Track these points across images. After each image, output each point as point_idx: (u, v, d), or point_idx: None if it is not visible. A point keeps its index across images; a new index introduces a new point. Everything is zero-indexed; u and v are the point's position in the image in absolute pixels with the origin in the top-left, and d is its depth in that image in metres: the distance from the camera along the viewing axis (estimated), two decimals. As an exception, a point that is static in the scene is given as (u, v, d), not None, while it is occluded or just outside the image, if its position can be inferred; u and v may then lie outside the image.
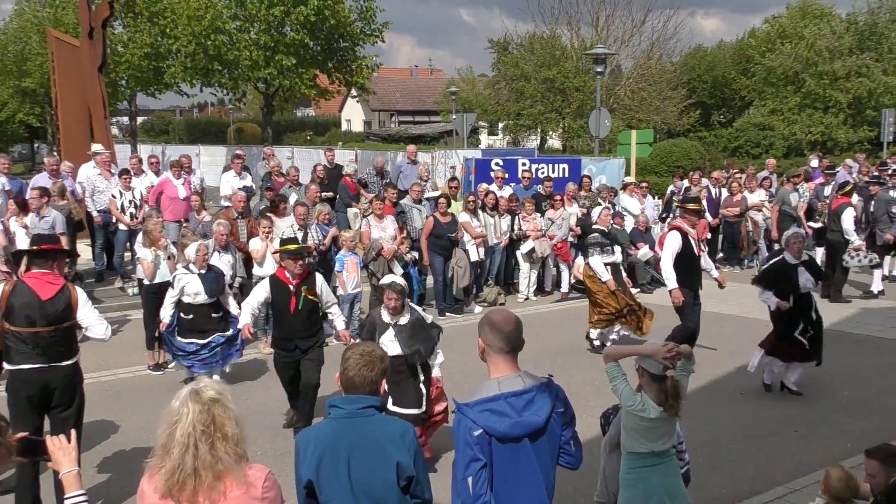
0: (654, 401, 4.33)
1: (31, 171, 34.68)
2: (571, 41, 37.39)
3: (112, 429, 7.75)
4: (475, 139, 44.52)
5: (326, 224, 11.32)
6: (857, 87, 34.21)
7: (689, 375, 4.53)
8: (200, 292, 8.47)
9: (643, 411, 4.31)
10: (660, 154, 28.81)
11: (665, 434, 4.37)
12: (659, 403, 4.31)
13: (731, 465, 6.80)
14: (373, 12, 27.63)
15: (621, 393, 4.38)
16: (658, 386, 4.33)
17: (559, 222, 13.68)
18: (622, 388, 4.38)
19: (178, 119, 73.24)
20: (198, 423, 2.91)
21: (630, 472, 4.44)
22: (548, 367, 6.70)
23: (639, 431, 4.36)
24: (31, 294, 5.62)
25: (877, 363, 9.74)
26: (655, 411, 4.30)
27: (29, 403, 5.65)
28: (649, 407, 4.31)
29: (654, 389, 4.35)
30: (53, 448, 3.15)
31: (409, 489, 3.40)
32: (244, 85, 29.41)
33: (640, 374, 4.46)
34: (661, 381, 4.32)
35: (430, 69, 70.01)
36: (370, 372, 3.46)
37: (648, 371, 4.37)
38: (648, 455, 4.36)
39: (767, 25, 42.23)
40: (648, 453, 4.35)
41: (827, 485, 4.51)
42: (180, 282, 8.47)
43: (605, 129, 21.32)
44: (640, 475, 4.38)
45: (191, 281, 8.45)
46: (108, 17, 16.63)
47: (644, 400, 4.34)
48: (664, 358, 4.32)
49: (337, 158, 17.39)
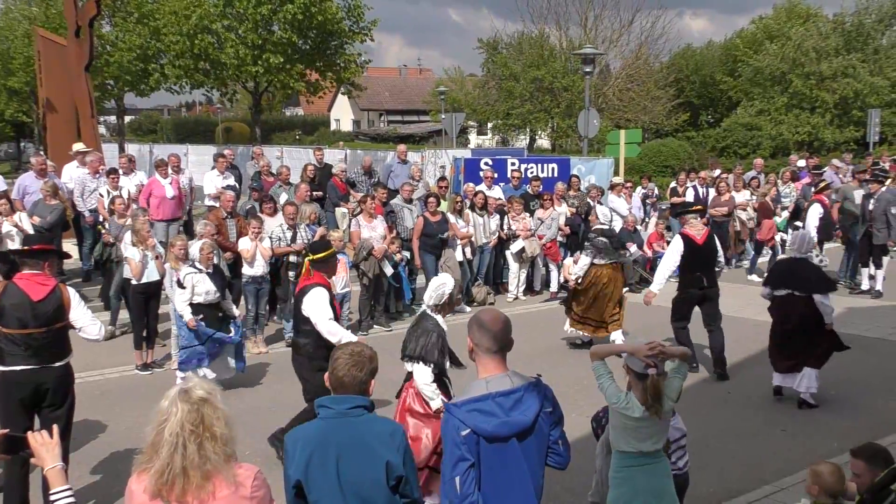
0: (638, 400, 4.32)
1: (17, 171, 34.48)
2: (560, 41, 37.45)
3: (100, 429, 7.72)
4: (464, 139, 44.55)
5: (314, 224, 11.30)
6: (844, 87, 34.38)
7: (683, 378, 4.52)
8: (211, 290, 8.61)
9: (627, 409, 4.31)
10: (648, 154, 28.93)
11: (653, 435, 4.36)
12: (643, 403, 4.29)
13: (719, 464, 6.82)
14: (360, 10, 27.61)
15: (606, 390, 4.39)
16: (642, 385, 4.32)
17: (548, 222, 13.70)
18: (607, 385, 4.40)
19: (166, 118, 72.91)
20: (186, 422, 2.91)
21: (619, 471, 4.44)
22: (536, 366, 6.69)
23: (625, 430, 4.37)
24: (22, 295, 5.59)
25: (863, 363, 9.78)
26: (639, 410, 4.29)
27: (21, 405, 5.62)
28: (633, 405, 4.31)
29: (639, 388, 4.34)
30: (36, 444, 3.14)
31: (398, 489, 3.40)
32: (233, 84, 29.32)
33: (626, 371, 4.46)
34: (644, 379, 4.31)
35: (419, 69, 70.11)
36: (359, 372, 3.46)
37: (632, 369, 4.37)
38: (636, 455, 4.35)
39: (754, 26, 42.45)
40: (636, 453, 4.35)
41: (820, 482, 4.44)
42: (190, 281, 8.51)
43: (593, 129, 21.36)
44: (628, 475, 4.38)
45: (202, 280, 8.54)
46: (95, 16, 16.54)
47: (629, 398, 4.34)
48: (646, 356, 4.31)
49: (326, 158, 17.36)
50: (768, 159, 27.13)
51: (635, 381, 4.36)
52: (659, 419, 4.33)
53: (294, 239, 10.62)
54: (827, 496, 4.44)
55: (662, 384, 4.34)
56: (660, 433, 4.39)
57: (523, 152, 22.87)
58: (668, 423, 4.48)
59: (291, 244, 10.58)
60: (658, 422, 4.34)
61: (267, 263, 10.39)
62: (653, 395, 4.27)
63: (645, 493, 4.33)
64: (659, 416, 4.31)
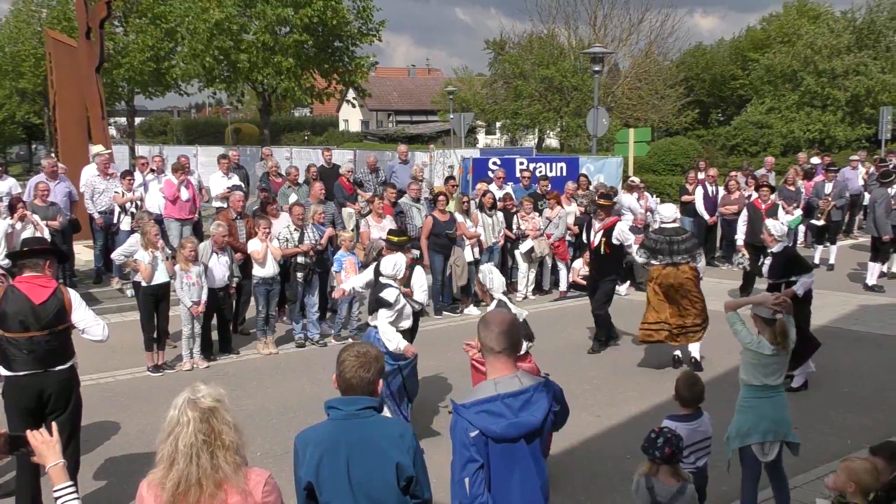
0: (768, 340, 5.30)
1: (28, 173, 34.68)
2: (569, 40, 37.37)
3: (112, 431, 7.73)
4: (472, 138, 44.50)
5: (322, 224, 11.30)
6: (856, 85, 34.17)
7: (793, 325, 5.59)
8: None
9: (761, 348, 5.26)
10: (658, 152, 28.82)
11: (777, 371, 5.33)
12: (772, 342, 5.28)
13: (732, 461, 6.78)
14: (370, 11, 27.60)
15: (740, 333, 5.39)
16: (770, 328, 5.32)
17: (556, 221, 13.67)
18: (741, 329, 5.41)
19: (176, 119, 73.17)
20: (199, 432, 2.93)
21: (746, 400, 5.37)
22: (546, 366, 6.70)
23: (756, 367, 5.29)
24: (23, 299, 5.53)
25: (876, 360, 9.74)
26: (770, 349, 5.26)
27: (27, 413, 5.56)
28: (765, 345, 5.27)
29: (767, 331, 5.34)
30: (36, 442, 3.16)
31: (408, 489, 3.39)
32: (242, 85, 29.36)
33: (754, 320, 5.42)
34: (773, 323, 5.32)
35: (428, 69, 70.02)
36: (367, 373, 3.45)
37: (761, 316, 5.36)
38: (762, 388, 5.29)
39: (761, 25, 42.26)
40: (762, 386, 5.29)
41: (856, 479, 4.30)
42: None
43: (602, 128, 21.31)
44: (754, 403, 5.31)
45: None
46: (106, 17, 16.60)
47: (760, 340, 5.30)
48: (773, 304, 5.42)
49: (335, 158, 17.37)
50: (779, 157, 26.99)
51: (764, 326, 5.35)
52: (787, 353, 5.35)
53: (301, 239, 10.62)
54: (861, 496, 4.36)
55: (787, 325, 5.40)
56: (782, 370, 5.38)
57: (532, 151, 22.82)
58: (787, 358, 5.45)
59: (299, 245, 10.58)
60: (780, 358, 5.31)
61: (277, 264, 10.39)
62: (781, 334, 5.31)
63: (768, 419, 5.26)
64: (787, 350, 5.34)
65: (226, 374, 9.45)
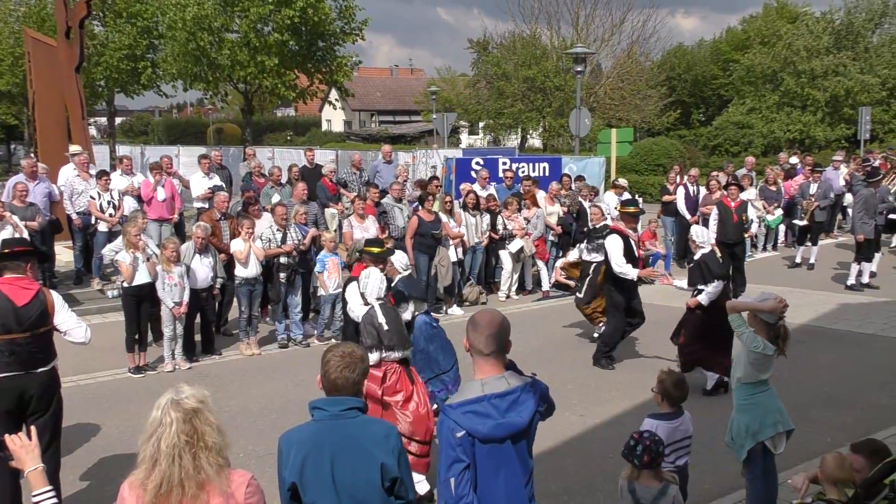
0: (767, 341, 5.43)
1: (7, 173, 34.27)
2: (551, 40, 37.46)
3: (92, 432, 7.67)
4: (455, 139, 44.52)
5: (304, 224, 11.25)
6: (835, 85, 34.46)
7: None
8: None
9: (766, 350, 5.38)
10: (640, 153, 28.96)
11: (770, 367, 5.48)
12: (771, 342, 5.42)
13: (714, 460, 6.83)
14: (352, 11, 27.52)
15: (744, 336, 5.46)
16: (772, 331, 5.46)
17: (534, 221, 13.69)
18: (746, 332, 5.48)
19: (157, 119, 72.65)
20: (181, 433, 2.90)
21: (747, 398, 5.45)
22: (530, 365, 6.67)
23: (756, 366, 5.39)
24: (5, 301, 5.48)
25: (856, 358, 9.83)
26: (771, 349, 5.40)
27: (7, 415, 5.50)
28: (767, 346, 5.40)
29: (764, 332, 5.44)
30: (15, 447, 3.13)
31: (393, 490, 3.39)
32: (224, 85, 29.16)
33: (755, 321, 5.51)
34: (775, 326, 5.46)
35: (411, 69, 69.99)
36: (351, 373, 3.44)
37: (765, 320, 5.47)
38: (759, 383, 5.43)
39: (745, 24, 42.51)
40: (758, 382, 5.41)
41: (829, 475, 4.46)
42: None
43: (585, 128, 21.35)
44: (755, 400, 5.42)
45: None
46: (86, 17, 16.45)
47: (763, 341, 5.40)
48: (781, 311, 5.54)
49: (317, 158, 17.28)
50: (760, 157, 27.18)
51: (765, 328, 5.45)
52: (784, 355, 5.54)
53: (284, 240, 10.58)
54: (830, 485, 4.46)
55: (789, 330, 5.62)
56: (772, 365, 5.51)
57: (514, 152, 22.83)
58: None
59: (282, 245, 10.53)
60: (773, 356, 5.46)
61: (260, 264, 10.34)
62: (783, 336, 5.48)
63: (774, 411, 5.41)
64: (784, 353, 5.51)
65: (208, 375, 9.40)
